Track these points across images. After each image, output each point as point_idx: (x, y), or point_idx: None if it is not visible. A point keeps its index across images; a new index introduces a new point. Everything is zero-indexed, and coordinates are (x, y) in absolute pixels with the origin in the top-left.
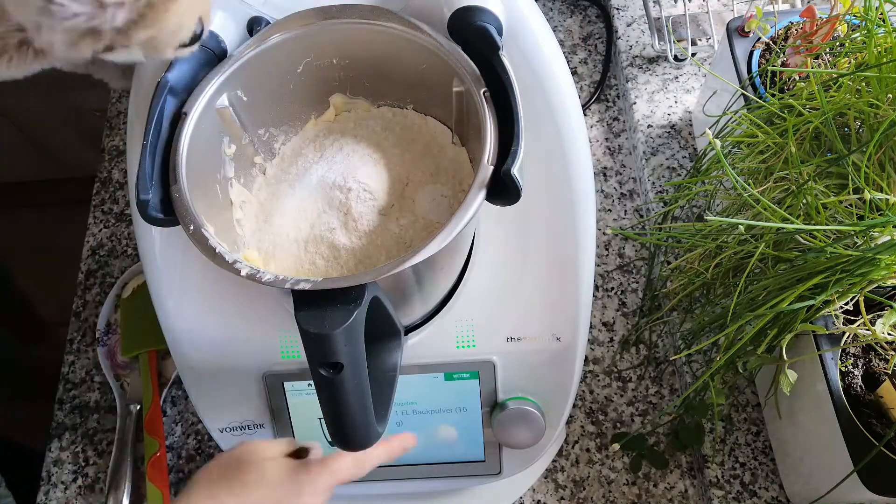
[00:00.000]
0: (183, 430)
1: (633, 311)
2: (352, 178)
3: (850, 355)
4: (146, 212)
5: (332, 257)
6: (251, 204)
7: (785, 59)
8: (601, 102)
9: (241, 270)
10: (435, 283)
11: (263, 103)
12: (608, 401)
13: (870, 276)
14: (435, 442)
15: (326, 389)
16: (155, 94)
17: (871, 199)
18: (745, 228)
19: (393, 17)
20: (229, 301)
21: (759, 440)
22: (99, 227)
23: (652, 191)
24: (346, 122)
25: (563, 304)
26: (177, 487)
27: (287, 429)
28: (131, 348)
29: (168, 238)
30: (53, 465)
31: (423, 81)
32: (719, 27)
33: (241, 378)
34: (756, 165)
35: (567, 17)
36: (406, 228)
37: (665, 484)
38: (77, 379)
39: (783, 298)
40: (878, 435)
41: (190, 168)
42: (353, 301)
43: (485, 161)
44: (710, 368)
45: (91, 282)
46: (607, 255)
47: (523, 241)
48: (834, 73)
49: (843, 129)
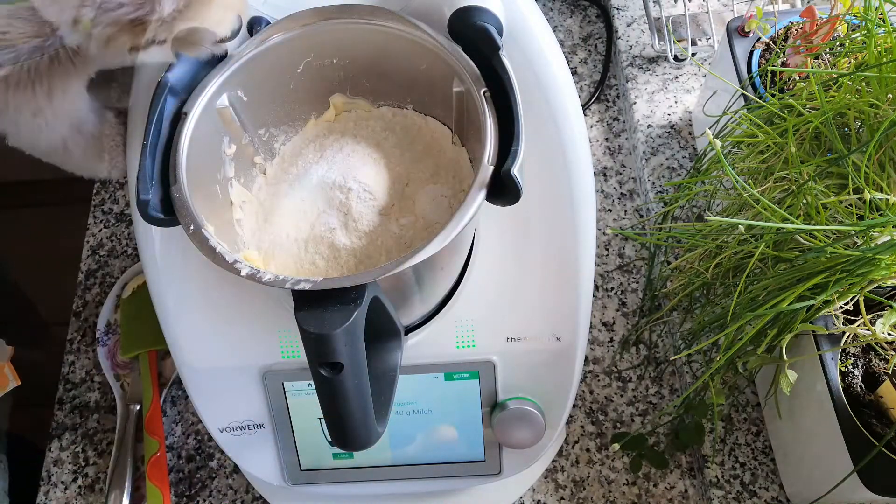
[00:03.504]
0: (183, 430)
1: (633, 311)
2: (352, 178)
3: (850, 355)
4: (146, 212)
5: (332, 257)
6: (251, 204)
7: (785, 59)
8: (601, 102)
9: (241, 270)
10: (435, 283)
11: (263, 103)
12: (608, 401)
13: (870, 276)
14: (435, 442)
15: (326, 389)
16: (155, 94)
17: (871, 199)
18: (745, 228)
19: (393, 17)
20: (229, 301)
21: (759, 440)
22: (99, 227)
23: (652, 191)
24: (347, 122)
25: (563, 304)
26: (177, 487)
27: (287, 429)
28: (131, 348)
29: (168, 238)
30: (53, 465)
31: (423, 81)
32: (719, 27)
33: (241, 378)
34: (756, 165)
35: (567, 17)
36: (406, 228)
37: (665, 484)
38: (77, 379)
39: (783, 298)
40: (878, 435)
41: (190, 168)
42: (353, 301)
43: (485, 161)
44: (710, 368)
45: (91, 282)
46: (607, 255)
47: (523, 241)
48: (834, 73)
49: (843, 129)
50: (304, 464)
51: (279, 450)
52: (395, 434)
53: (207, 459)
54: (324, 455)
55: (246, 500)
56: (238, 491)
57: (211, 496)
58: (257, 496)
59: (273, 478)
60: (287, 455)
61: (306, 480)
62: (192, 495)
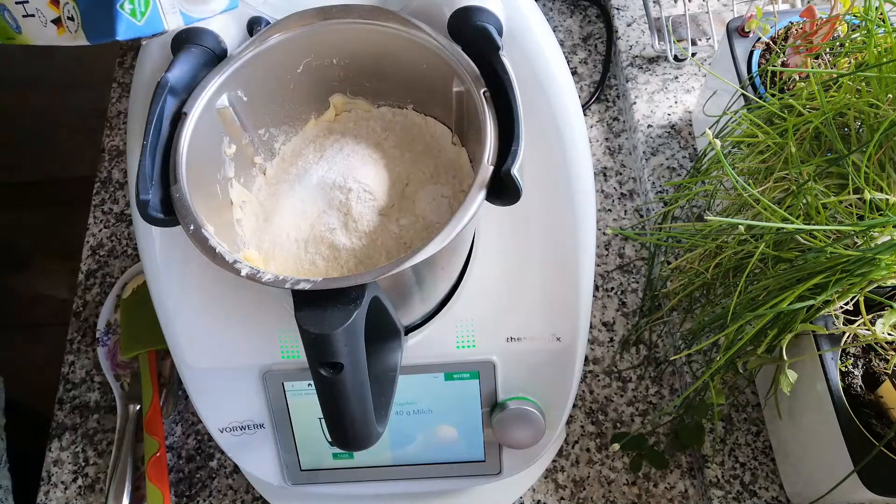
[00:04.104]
0: (183, 430)
1: (633, 311)
2: (352, 178)
3: (850, 355)
4: (146, 212)
5: (332, 257)
6: (251, 204)
7: (785, 59)
8: (601, 102)
9: (241, 270)
10: (435, 283)
11: (263, 103)
12: (608, 401)
13: (870, 276)
14: (435, 442)
15: (326, 389)
16: (155, 94)
17: (871, 199)
18: (745, 228)
19: (393, 17)
20: (229, 301)
21: (759, 440)
22: (99, 227)
23: (652, 191)
24: (346, 122)
25: (563, 304)
26: (177, 487)
27: (287, 429)
28: (131, 348)
29: (168, 238)
30: (53, 465)
31: (423, 81)
32: (719, 27)
33: (241, 378)
34: (756, 165)
35: (567, 17)
36: (406, 228)
37: (665, 484)
38: (77, 379)
39: (783, 298)
40: (878, 435)
41: (190, 168)
42: (353, 301)
43: (485, 161)
44: (710, 368)
45: (91, 282)
46: (607, 255)
47: (523, 241)
48: (834, 73)
49: (843, 129)
50: (304, 464)
51: (279, 450)
52: (395, 434)
53: (207, 459)
54: (324, 455)
55: (246, 500)
56: (238, 491)
57: (211, 496)
58: (257, 496)
59: (273, 478)
60: (287, 455)
61: (306, 480)
62: (192, 495)
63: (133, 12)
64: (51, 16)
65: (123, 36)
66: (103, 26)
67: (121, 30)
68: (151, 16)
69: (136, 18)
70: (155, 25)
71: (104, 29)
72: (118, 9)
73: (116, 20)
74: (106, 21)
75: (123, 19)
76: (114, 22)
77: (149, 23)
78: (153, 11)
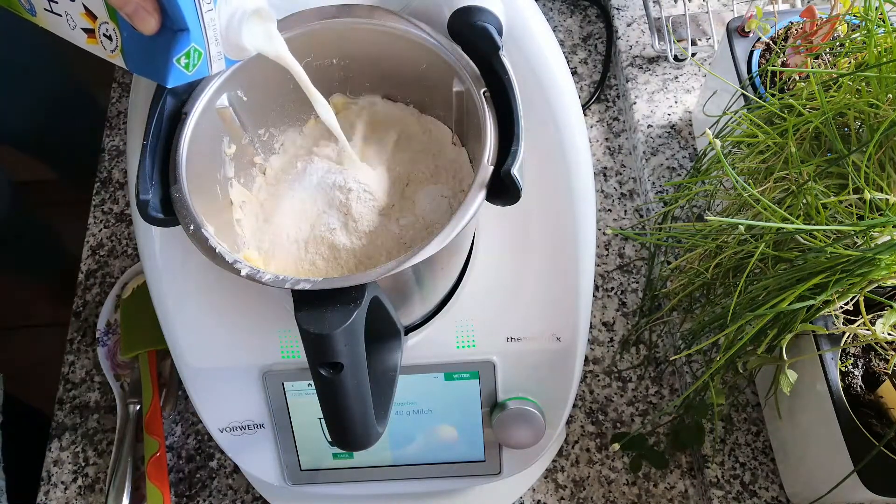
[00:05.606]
0: (183, 430)
1: (633, 311)
2: (352, 178)
3: (850, 355)
4: (146, 212)
5: (332, 257)
6: (251, 204)
7: (785, 59)
8: (601, 102)
9: (241, 270)
10: (435, 283)
11: (263, 103)
12: (608, 401)
13: (870, 276)
14: (435, 442)
15: (326, 389)
16: (155, 94)
17: (871, 199)
18: (745, 228)
19: (393, 16)
20: (229, 301)
21: (759, 440)
22: (99, 227)
23: (652, 191)
24: (346, 122)
25: (563, 304)
26: (177, 487)
27: (287, 429)
28: (131, 348)
29: (168, 238)
30: (53, 465)
31: (423, 81)
32: (719, 27)
33: (241, 378)
34: (756, 165)
35: (567, 17)
36: (406, 229)
37: (665, 484)
38: (77, 379)
39: (783, 298)
40: (878, 435)
41: (190, 168)
42: (353, 301)
43: (485, 161)
44: (710, 368)
45: (91, 282)
46: (607, 255)
47: (523, 241)
48: (834, 73)
49: (843, 129)
50: (304, 464)
51: (279, 450)
52: (395, 434)
53: (207, 459)
54: (324, 455)
55: (246, 500)
56: (238, 491)
57: (211, 496)
58: (257, 496)
59: (273, 478)
60: (287, 455)
61: (306, 480)
62: (192, 495)
63: (187, 66)
64: (83, 24)
65: (172, 84)
66: (150, 67)
67: (171, 79)
68: (201, 66)
69: (188, 70)
70: (202, 72)
71: (151, 70)
72: (174, 62)
73: (169, 70)
74: (154, 62)
75: (175, 70)
76: (166, 70)
77: (197, 72)
78: (203, 62)
